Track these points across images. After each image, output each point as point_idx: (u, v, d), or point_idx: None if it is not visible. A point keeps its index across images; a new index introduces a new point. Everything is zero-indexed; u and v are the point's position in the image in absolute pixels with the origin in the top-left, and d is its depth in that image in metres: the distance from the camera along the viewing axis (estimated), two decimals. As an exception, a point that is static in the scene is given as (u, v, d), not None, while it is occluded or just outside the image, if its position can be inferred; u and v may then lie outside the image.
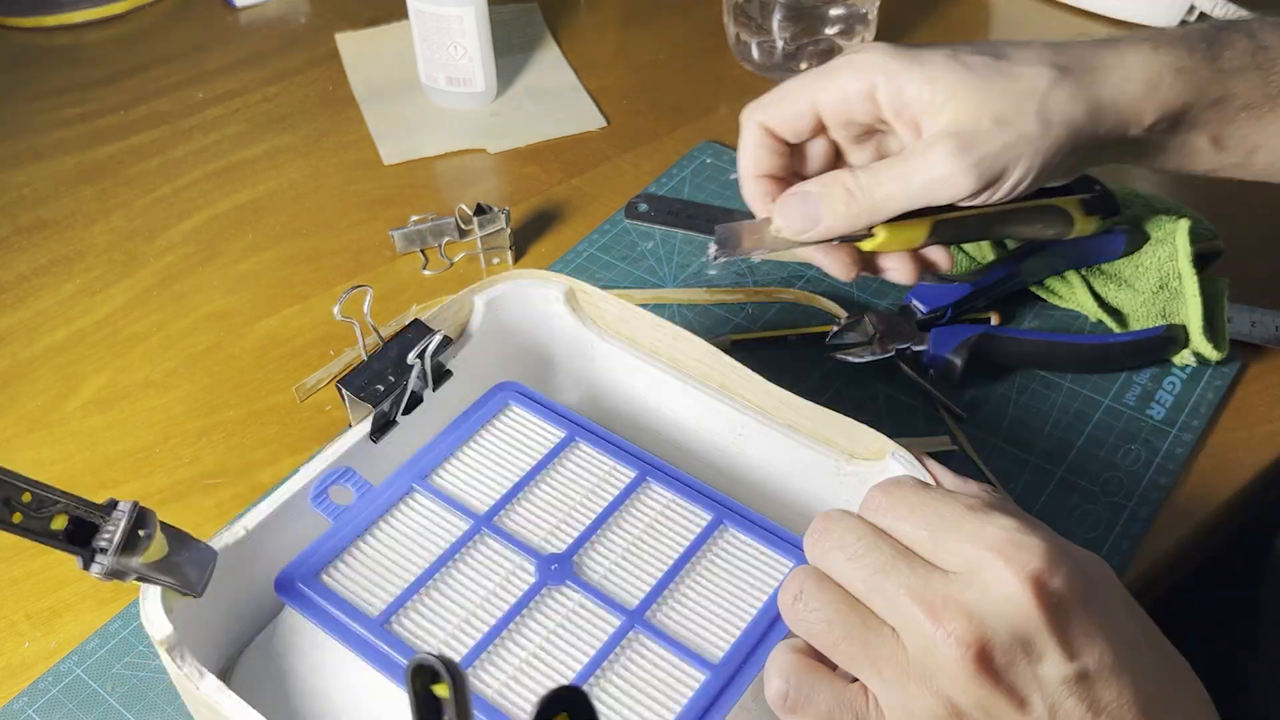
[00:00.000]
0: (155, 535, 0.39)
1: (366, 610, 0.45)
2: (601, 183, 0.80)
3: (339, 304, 0.49)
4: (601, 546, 0.47)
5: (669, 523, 0.48)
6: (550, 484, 0.50)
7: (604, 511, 0.48)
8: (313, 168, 0.82)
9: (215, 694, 0.41)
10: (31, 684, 0.53)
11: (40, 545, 0.58)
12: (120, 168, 0.82)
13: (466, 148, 0.83)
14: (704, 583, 0.46)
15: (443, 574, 0.46)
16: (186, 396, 0.66)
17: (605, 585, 0.46)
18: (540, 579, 0.46)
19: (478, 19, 0.81)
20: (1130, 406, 0.63)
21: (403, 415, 0.51)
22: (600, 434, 0.51)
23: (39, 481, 0.37)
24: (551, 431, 0.51)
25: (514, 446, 0.51)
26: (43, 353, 0.69)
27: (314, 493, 0.47)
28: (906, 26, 0.94)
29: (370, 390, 0.49)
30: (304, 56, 0.93)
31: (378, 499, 0.48)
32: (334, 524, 0.47)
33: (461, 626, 0.44)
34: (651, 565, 0.46)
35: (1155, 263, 0.64)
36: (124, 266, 0.74)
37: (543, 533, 0.48)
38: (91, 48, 0.95)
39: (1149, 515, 0.58)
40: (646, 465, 0.50)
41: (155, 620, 0.42)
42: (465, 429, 0.51)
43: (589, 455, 0.51)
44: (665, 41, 0.94)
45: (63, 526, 0.37)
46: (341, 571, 0.46)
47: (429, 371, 0.51)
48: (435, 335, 0.50)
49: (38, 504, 0.36)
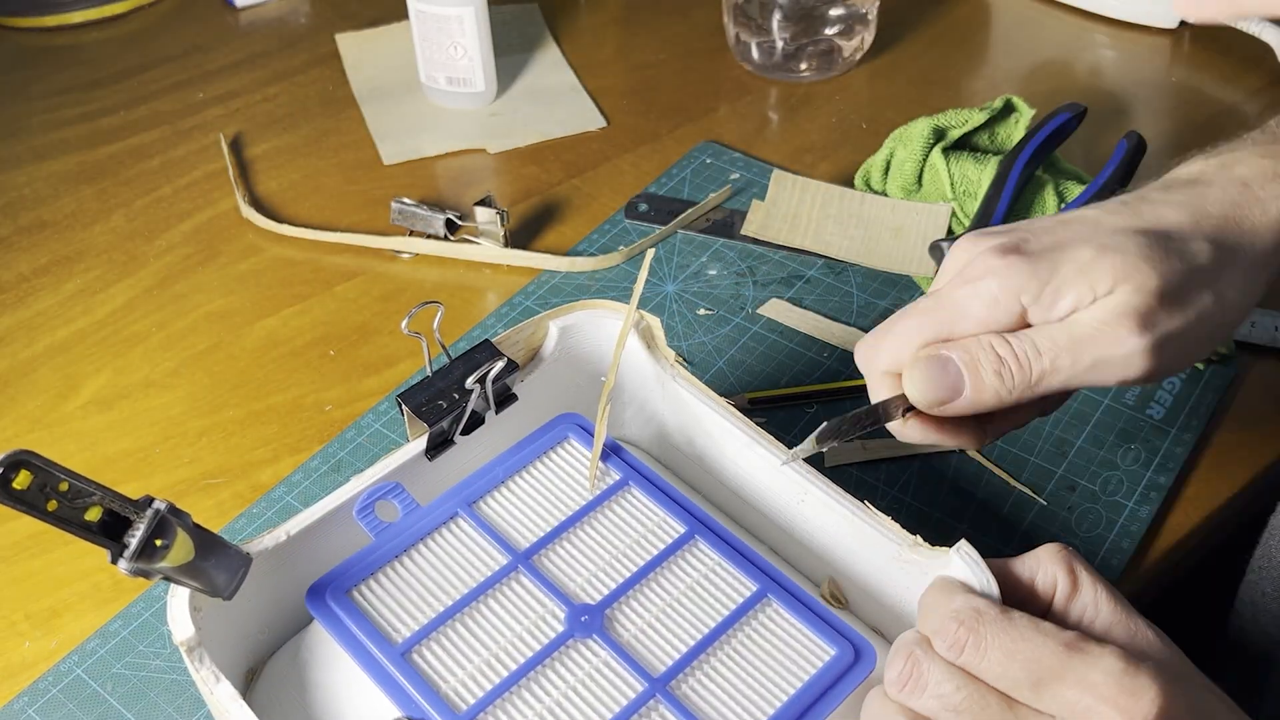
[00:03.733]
0: (175, 543, 0.39)
1: (391, 636, 0.44)
2: (601, 183, 0.80)
3: (407, 319, 0.48)
4: (637, 602, 0.45)
5: (712, 587, 0.46)
6: (596, 527, 0.48)
7: (646, 565, 0.46)
8: (313, 168, 0.82)
9: (227, 701, 0.40)
10: (31, 684, 0.53)
11: (41, 546, 0.58)
12: (120, 168, 0.82)
13: (466, 148, 0.83)
14: (738, 658, 0.44)
15: (473, 608, 0.45)
16: (186, 396, 0.66)
17: (634, 646, 0.44)
18: (569, 629, 0.44)
19: (478, 19, 0.81)
20: (1130, 406, 0.63)
21: (461, 435, 0.50)
22: (656, 481, 0.49)
23: (77, 473, 0.37)
24: (607, 472, 0.50)
25: (566, 482, 0.49)
26: (43, 353, 0.69)
27: (360, 505, 0.47)
28: (907, 27, 0.94)
29: (431, 408, 0.48)
30: (304, 56, 0.93)
31: (422, 519, 0.47)
32: (375, 539, 0.46)
33: (481, 668, 0.43)
34: (686, 631, 0.44)
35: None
36: (124, 266, 0.74)
37: (580, 579, 0.46)
38: (91, 48, 0.95)
39: (1149, 515, 0.58)
40: (698, 522, 0.47)
41: (179, 621, 0.42)
42: (521, 458, 0.50)
43: (640, 502, 0.49)
44: (665, 41, 0.94)
45: (96, 519, 0.37)
46: (373, 591, 0.45)
47: (490, 395, 0.50)
48: (499, 361, 0.49)
49: (74, 494, 0.37)
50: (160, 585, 0.56)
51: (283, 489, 0.60)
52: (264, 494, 0.60)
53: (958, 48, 0.93)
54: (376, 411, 0.64)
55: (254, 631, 0.47)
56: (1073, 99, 0.76)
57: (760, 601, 0.45)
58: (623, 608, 0.45)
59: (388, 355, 0.68)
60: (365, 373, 0.67)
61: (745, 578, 0.46)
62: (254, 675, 0.47)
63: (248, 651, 0.47)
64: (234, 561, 0.42)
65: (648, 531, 0.48)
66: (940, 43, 0.93)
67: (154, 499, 0.39)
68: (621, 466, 0.50)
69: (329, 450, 0.62)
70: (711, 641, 0.44)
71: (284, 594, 0.46)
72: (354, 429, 0.63)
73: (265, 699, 0.46)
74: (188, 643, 0.41)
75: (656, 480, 0.49)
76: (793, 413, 0.63)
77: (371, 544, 0.46)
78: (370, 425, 0.63)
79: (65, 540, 0.59)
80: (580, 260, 0.72)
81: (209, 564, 0.41)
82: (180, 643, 0.41)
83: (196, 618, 0.42)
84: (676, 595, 0.46)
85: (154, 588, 0.56)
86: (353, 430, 0.63)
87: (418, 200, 0.74)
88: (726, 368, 0.66)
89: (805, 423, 0.62)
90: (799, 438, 0.48)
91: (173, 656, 0.53)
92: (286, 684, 0.46)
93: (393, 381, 0.66)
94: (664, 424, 0.55)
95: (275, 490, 0.60)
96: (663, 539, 0.47)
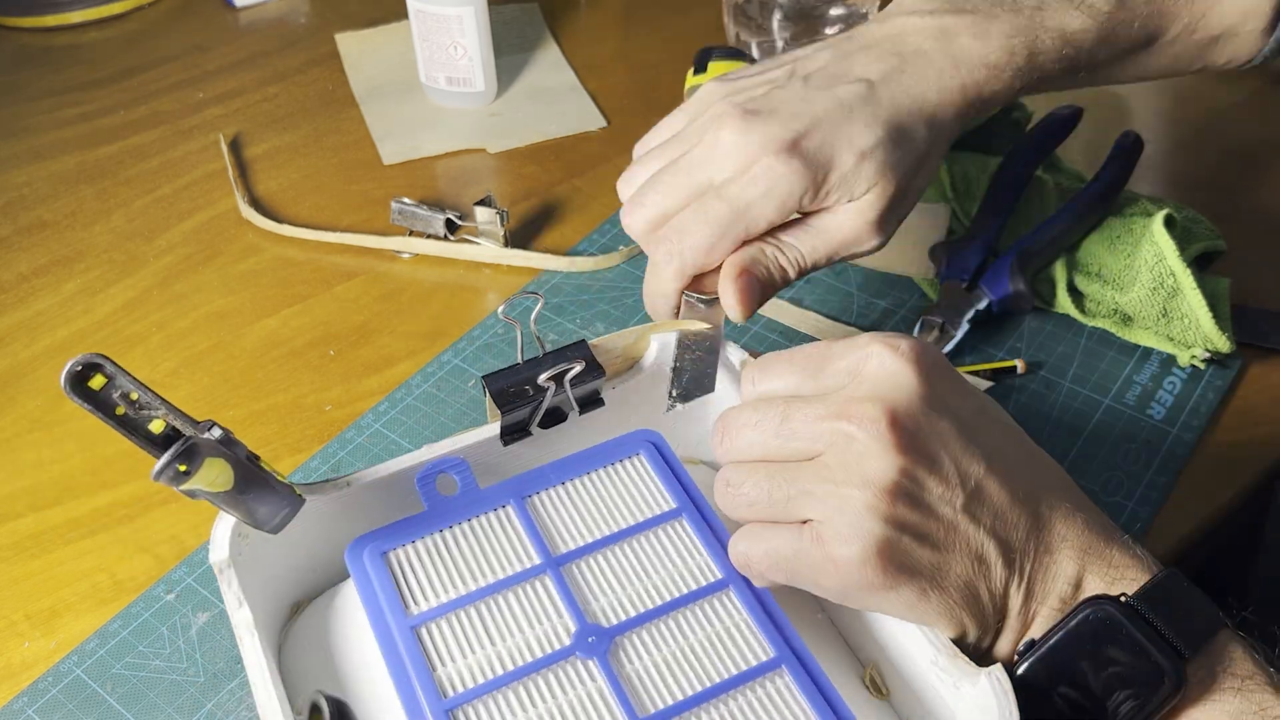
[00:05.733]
0: (201, 468, 0.40)
1: (409, 605, 0.44)
2: (601, 183, 0.80)
3: (504, 305, 0.49)
4: (649, 636, 0.44)
5: (729, 642, 0.44)
6: (635, 550, 0.47)
7: (671, 603, 0.45)
8: (313, 168, 0.82)
9: (243, 628, 0.42)
10: (31, 684, 0.53)
11: (41, 546, 0.58)
12: (120, 168, 0.82)
13: (466, 148, 0.83)
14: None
15: (492, 600, 0.45)
16: (186, 396, 0.66)
17: (631, 681, 0.43)
18: (573, 646, 0.43)
19: (478, 19, 0.81)
20: (1130, 406, 0.63)
21: (539, 428, 0.50)
22: (710, 519, 0.48)
23: (146, 385, 0.39)
24: (664, 498, 0.48)
25: (622, 498, 0.49)
26: (43, 353, 0.69)
27: (423, 473, 0.47)
28: (906, 26, 0.94)
29: (509, 394, 0.48)
30: (304, 56, 0.93)
31: (475, 501, 0.47)
32: (427, 509, 0.47)
33: (480, 663, 0.43)
34: (688, 680, 0.43)
35: (1145, 264, 0.63)
36: (124, 266, 0.74)
37: (602, 599, 0.45)
38: (91, 48, 0.95)
39: (1149, 515, 0.58)
40: (736, 574, 0.46)
41: (219, 542, 0.44)
42: (587, 464, 0.49)
43: (686, 537, 0.47)
44: (665, 41, 0.94)
45: (159, 430, 0.40)
46: (408, 557, 0.46)
47: (571, 395, 0.50)
48: (578, 363, 0.49)
49: (141, 405, 0.39)
50: (160, 586, 0.56)
51: (283, 489, 0.60)
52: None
53: (958, 48, 0.93)
54: (376, 411, 0.64)
55: (304, 568, 0.49)
56: (1071, 99, 0.76)
57: (772, 670, 0.43)
58: (633, 639, 0.44)
59: (388, 355, 0.68)
60: (365, 373, 0.67)
61: (766, 642, 0.44)
62: (299, 609, 0.49)
63: (296, 585, 0.49)
64: (280, 500, 0.44)
65: (684, 568, 0.46)
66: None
67: (214, 424, 0.41)
68: (680, 495, 0.48)
69: (329, 450, 0.62)
70: (709, 698, 0.42)
71: (337, 540, 0.47)
72: (354, 429, 0.63)
73: (302, 632, 0.48)
74: (220, 563, 0.44)
75: (710, 518, 0.48)
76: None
77: (422, 513, 0.47)
78: (370, 425, 0.63)
79: (65, 540, 0.59)
80: (580, 260, 0.72)
81: (248, 496, 0.42)
82: (214, 562, 0.44)
83: (239, 543, 0.44)
84: (691, 642, 0.44)
85: (153, 588, 0.56)
86: (353, 430, 0.63)
87: (418, 200, 0.74)
88: (726, 368, 0.66)
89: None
90: None
91: (173, 657, 0.53)
92: (323, 624, 0.48)
93: (393, 382, 0.66)
94: None
95: (275, 490, 0.60)
96: (696, 580, 0.46)
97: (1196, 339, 0.63)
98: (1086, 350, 0.66)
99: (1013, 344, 0.67)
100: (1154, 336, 0.65)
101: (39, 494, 0.61)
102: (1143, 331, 0.65)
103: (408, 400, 0.65)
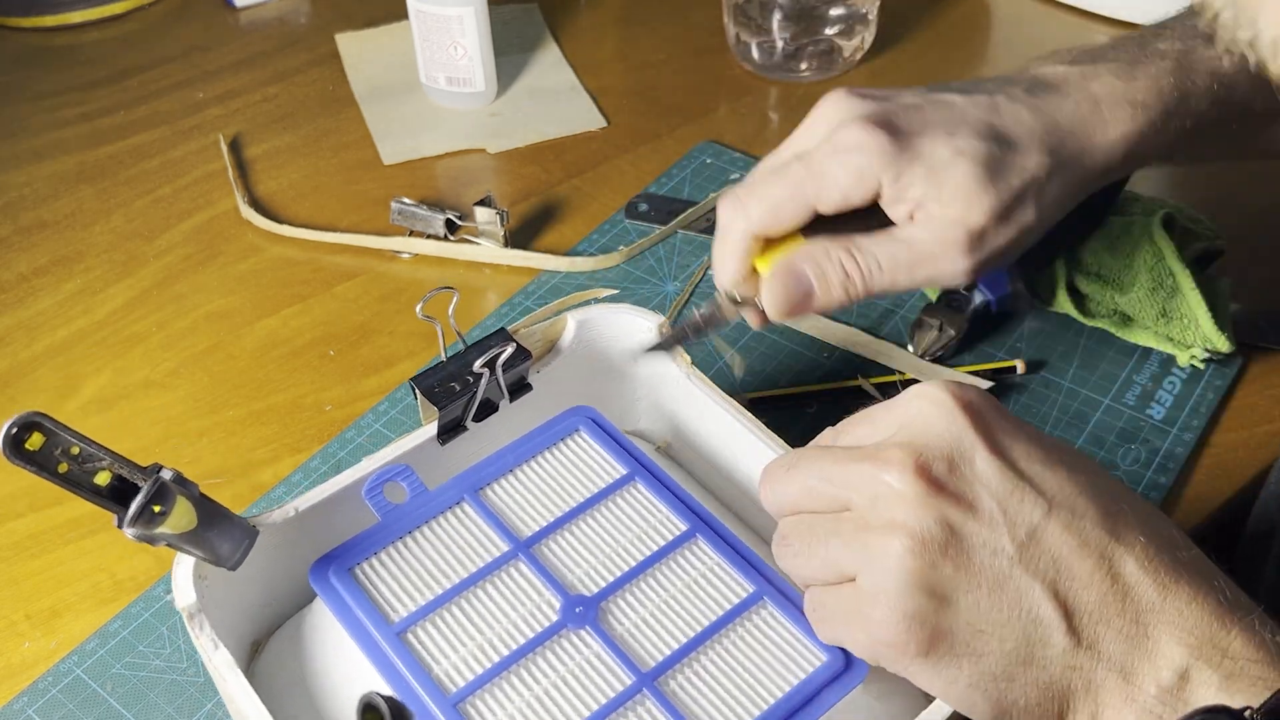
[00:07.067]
0: (174, 510, 0.40)
1: (388, 615, 0.44)
2: (601, 183, 0.80)
3: (422, 304, 0.49)
4: (632, 597, 0.45)
5: (709, 586, 0.46)
6: (598, 520, 0.48)
7: (645, 561, 0.46)
8: (313, 168, 0.82)
9: (225, 669, 0.41)
10: (31, 684, 0.53)
11: (41, 546, 0.58)
12: (120, 168, 0.82)
13: (466, 148, 0.83)
14: (729, 658, 0.44)
15: (470, 593, 0.45)
16: (186, 396, 0.66)
17: (625, 640, 0.44)
18: (562, 619, 0.44)
19: (478, 19, 0.81)
20: (1130, 406, 0.63)
21: (473, 422, 0.50)
22: (662, 478, 0.49)
23: (87, 437, 0.38)
24: (614, 466, 0.50)
25: (573, 474, 0.50)
26: (43, 353, 0.69)
27: (369, 485, 0.47)
28: (906, 27, 0.94)
29: (442, 391, 0.48)
30: (304, 56, 0.93)
31: (428, 503, 0.48)
32: (381, 519, 0.47)
33: (474, 653, 0.43)
34: (679, 628, 0.44)
35: (1145, 264, 0.63)
36: (124, 266, 0.74)
37: (579, 571, 0.46)
38: (91, 48, 0.95)
39: (1149, 515, 0.58)
40: (700, 521, 0.47)
41: (182, 586, 0.43)
42: (530, 447, 0.50)
43: (644, 498, 0.49)
44: (665, 41, 0.94)
45: (105, 483, 0.39)
46: (375, 570, 0.46)
47: (503, 383, 0.50)
48: (507, 347, 0.49)
49: (84, 458, 0.38)
50: (160, 586, 0.56)
51: (282, 489, 0.60)
52: (264, 494, 0.60)
53: (958, 48, 0.93)
54: (376, 411, 0.64)
55: (260, 604, 0.48)
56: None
57: (755, 604, 0.45)
58: (618, 601, 0.45)
59: (388, 355, 0.68)
60: (365, 373, 0.67)
61: (743, 579, 0.46)
62: (259, 647, 0.48)
63: (253, 622, 0.48)
64: (239, 533, 0.43)
65: (649, 528, 0.48)
66: (940, 43, 0.93)
67: (161, 467, 0.40)
68: (629, 461, 0.50)
69: (329, 450, 0.62)
70: (704, 640, 0.44)
71: (291, 569, 0.47)
72: (354, 429, 0.63)
73: (267, 670, 0.47)
74: (189, 609, 0.42)
75: (662, 477, 0.49)
76: (793, 413, 0.63)
77: (377, 524, 0.47)
78: (370, 425, 0.63)
79: (65, 540, 0.59)
80: (580, 260, 0.72)
81: (212, 533, 0.42)
82: (182, 608, 0.43)
83: (200, 585, 0.43)
84: (673, 592, 0.46)
85: (153, 588, 0.56)
86: (353, 430, 0.63)
87: (418, 200, 0.74)
88: (727, 368, 0.66)
89: (805, 423, 0.62)
90: (800, 438, 0.48)
91: (173, 657, 0.53)
92: (289, 657, 0.47)
93: (393, 381, 0.66)
94: (677, 420, 0.55)
95: (275, 490, 0.60)
96: (664, 535, 0.47)
97: (1196, 339, 0.63)
98: (1086, 350, 0.66)
99: (1013, 344, 0.67)
100: (1154, 337, 0.65)
101: (39, 494, 0.61)
102: (1142, 332, 0.65)
103: (408, 400, 0.65)
